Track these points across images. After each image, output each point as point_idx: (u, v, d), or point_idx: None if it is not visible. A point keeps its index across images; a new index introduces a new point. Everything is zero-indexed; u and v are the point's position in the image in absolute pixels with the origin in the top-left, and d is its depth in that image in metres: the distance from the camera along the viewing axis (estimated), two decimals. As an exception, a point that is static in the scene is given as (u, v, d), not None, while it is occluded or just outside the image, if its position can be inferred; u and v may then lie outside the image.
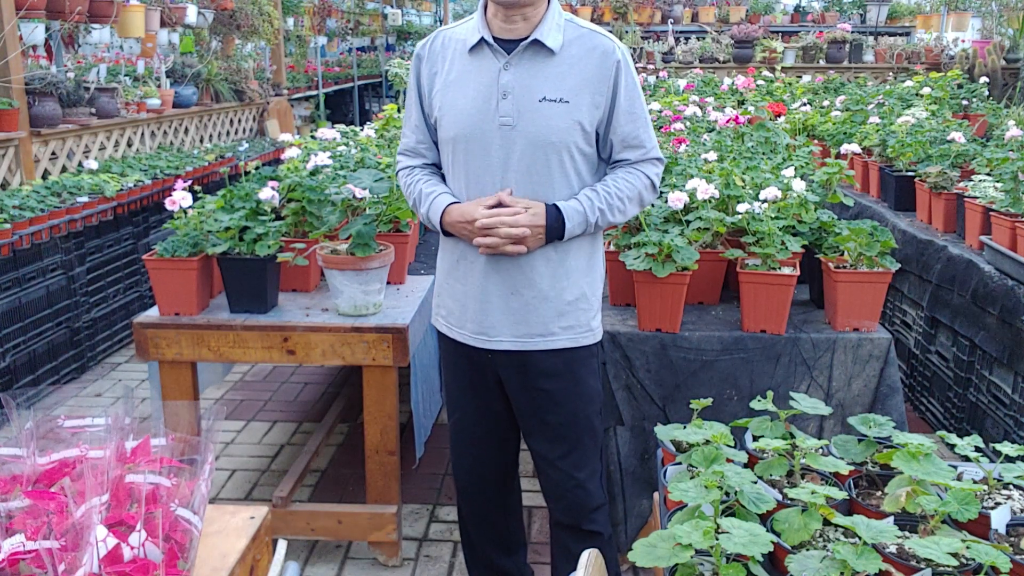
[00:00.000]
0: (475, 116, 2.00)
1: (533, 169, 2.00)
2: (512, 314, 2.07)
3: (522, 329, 2.07)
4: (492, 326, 2.09)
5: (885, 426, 1.73)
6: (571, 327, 2.09)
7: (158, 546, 1.13)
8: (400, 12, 14.71)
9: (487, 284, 2.07)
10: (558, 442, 2.17)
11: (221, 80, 7.55)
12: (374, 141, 4.24)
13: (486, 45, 2.00)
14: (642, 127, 2.05)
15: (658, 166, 2.10)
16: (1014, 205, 3.28)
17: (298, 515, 2.81)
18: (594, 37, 2.02)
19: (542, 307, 2.06)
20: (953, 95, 6.37)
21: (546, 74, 1.98)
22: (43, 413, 1.35)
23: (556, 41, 1.98)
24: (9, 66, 4.67)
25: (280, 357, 2.67)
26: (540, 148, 1.98)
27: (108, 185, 4.78)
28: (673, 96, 6.34)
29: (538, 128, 1.97)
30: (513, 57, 1.98)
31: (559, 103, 1.97)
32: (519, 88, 1.98)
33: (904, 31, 10.86)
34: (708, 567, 1.34)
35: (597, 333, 2.15)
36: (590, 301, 2.12)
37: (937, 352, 3.70)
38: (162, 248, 2.70)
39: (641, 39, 10.27)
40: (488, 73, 2.00)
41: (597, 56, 2.00)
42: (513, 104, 1.98)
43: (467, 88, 2.02)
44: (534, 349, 2.08)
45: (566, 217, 1.98)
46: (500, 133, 1.99)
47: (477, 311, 2.09)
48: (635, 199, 2.07)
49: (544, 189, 2.01)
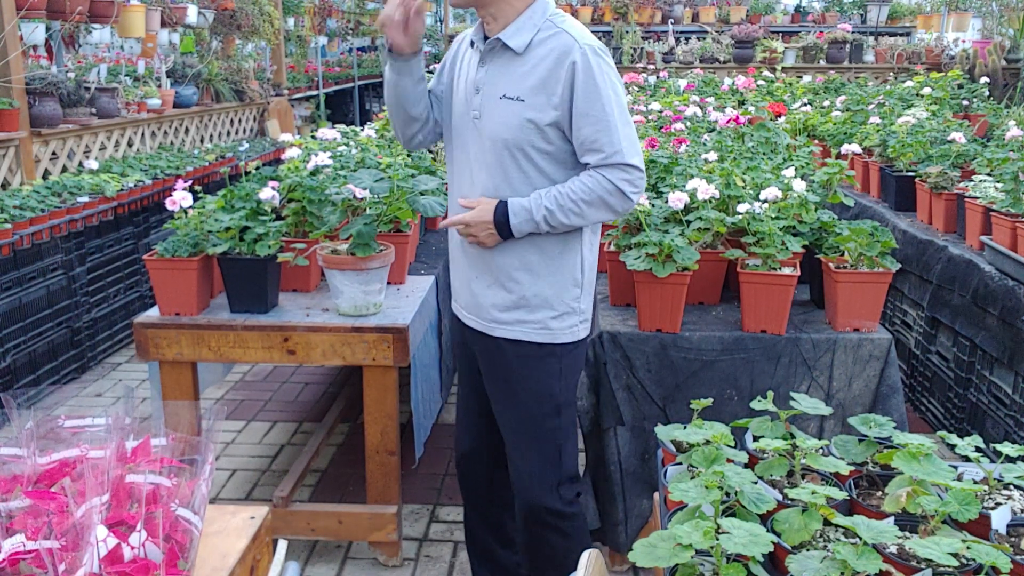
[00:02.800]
0: (459, 108, 2.16)
1: (494, 163, 2.08)
2: (475, 296, 2.19)
3: (484, 312, 2.18)
4: (465, 304, 2.25)
5: (885, 426, 1.73)
6: (524, 321, 2.13)
7: (158, 546, 1.13)
8: (400, 12, 14.68)
9: (464, 266, 2.22)
10: (509, 432, 2.25)
11: (221, 80, 7.55)
12: (374, 141, 4.24)
13: (475, 43, 2.13)
14: (602, 131, 1.99)
15: (627, 171, 2.01)
16: (1014, 205, 3.28)
17: (298, 515, 2.81)
18: (560, 37, 2.01)
19: (498, 295, 2.15)
20: (953, 95, 6.37)
21: (511, 73, 2.05)
22: (43, 413, 1.35)
23: (520, 41, 2.02)
24: (9, 66, 4.68)
25: (280, 357, 2.67)
26: (498, 143, 2.06)
27: (108, 185, 4.78)
28: (674, 96, 6.34)
29: (495, 124, 2.05)
30: (487, 55, 2.08)
31: (515, 101, 2.03)
32: (487, 84, 2.08)
33: (904, 31, 10.86)
34: (708, 567, 1.34)
35: (558, 335, 2.14)
36: (551, 303, 2.12)
37: (937, 352, 3.70)
38: (162, 248, 2.70)
39: (641, 39, 10.27)
40: (472, 69, 2.13)
41: (555, 57, 2.00)
42: (481, 99, 2.08)
43: (461, 81, 2.17)
44: (489, 333, 2.19)
45: (511, 211, 2.04)
46: (472, 126, 2.11)
47: (460, 287, 2.27)
48: (594, 203, 2.03)
49: (503, 183, 2.08)
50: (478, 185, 2.12)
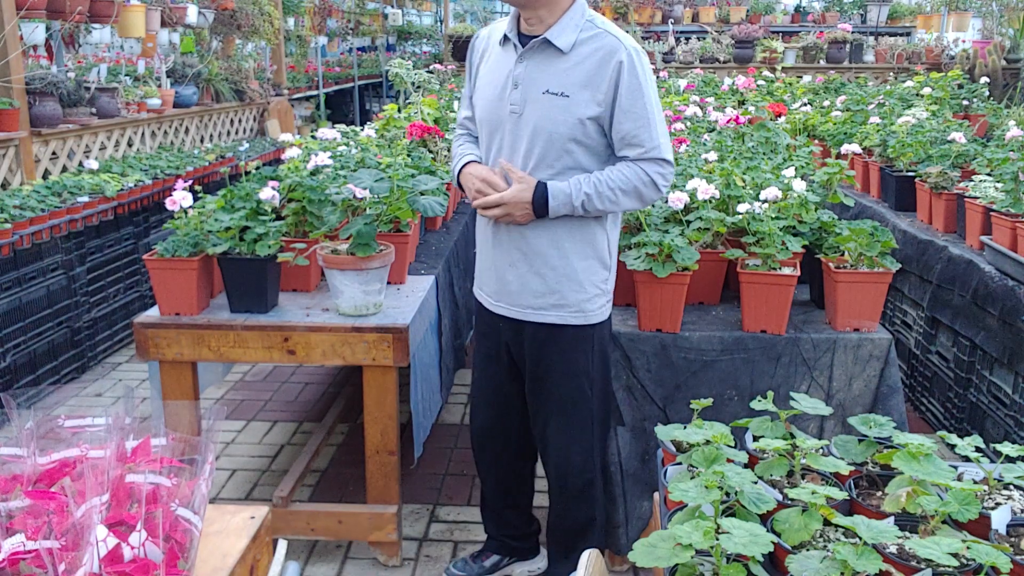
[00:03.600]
0: (494, 102, 2.26)
1: (536, 155, 2.20)
2: (509, 284, 2.31)
3: (517, 299, 2.30)
4: (497, 292, 2.35)
5: (885, 426, 1.73)
6: (560, 305, 2.28)
7: (158, 546, 1.13)
8: (400, 12, 14.72)
9: (495, 254, 2.32)
10: (545, 411, 2.39)
11: (222, 80, 7.55)
12: (374, 141, 4.24)
13: (510, 40, 2.23)
14: (643, 127, 2.15)
15: (662, 166, 2.19)
16: (1014, 205, 3.28)
17: (298, 515, 2.81)
18: (604, 38, 2.16)
19: (533, 282, 2.27)
20: (953, 95, 6.37)
21: (553, 70, 2.16)
22: (43, 413, 1.35)
23: (567, 41, 2.15)
24: (10, 66, 4.68)
25: (280, 357, 2.67)
26: (541, 136, 2.18)
27: (108, 185, 4.78)
28: (674, 96, 6.34)
29: (539, 118, 2.17)
30: (527, 52, 2.19)
31: (560, 96, 2.15)
32: (527, 80, 2.18)
33: (904, 31, 10.86)
34: (708, 567, 1.34)
35: (591, 316, 2.31)
36: (583, 285, 2.27)
37: (937, 352, 3.70)
38: (162, 248, 2.70)
39: (642, 39, 10.27)
40: (507, 65, 2.24)
41: (601, 56, 2.14)
42: (521, 94, 2.19)
43: (493, 76, 2.28)
44: (526, 320, 2.31)
45: (550, 195, 2.16)
46: (510, 120, 2.22)
47: (490, 277, 2.37)
48: (630, 192, 2.18)
49: (546, 174, 2.20)
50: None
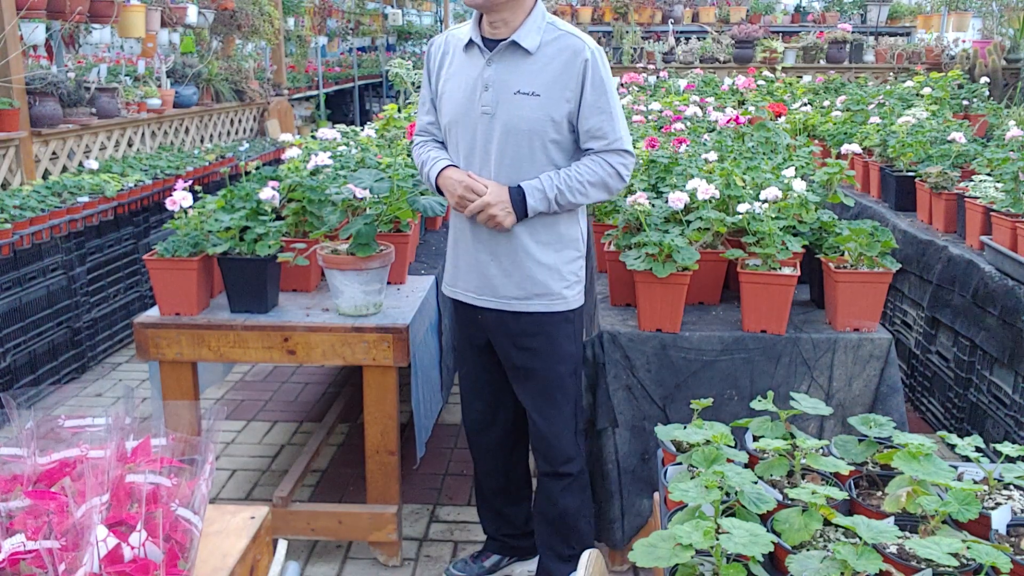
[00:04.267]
0: (463, 104, 2.31)
1: (510, 153, 2.27)
2: (492, 278, 2.36)
3: (501, 292, 2.36)
4: (479, 287, 2.40)
5: (885, 426, 1.73)
6: (542, 295, 2.35)
7: (158, 546, 1.13)
8: (400, 12, 14.72)
9: (476, 249, 2.37)
10: (532, 399, 2.45)
11: (222, 80, 7.55)
12: (375, 141, 4.24)
13: (475, 44, 2.29)
14: (607, 120, 2.26)
15: (624, 156, 2.30)
16: (1014, 205, 3.28)
17: (298, 515, 2.81)
18: (568, 38, 2.26)
19: (516, 274, 2.34)
20: (954, 95, 6.37)
21: (523, 70, 2.25)
22: (43, 413, 1.35)
23: (533, 42, 2.25)
24: (10, 66, 4.68)
25: (280, 357, 2.67)
26: (514, 135, 2.26)
27: (108, 185, 4.78)
28: (674, 96, 6.34)
29: (512, 117, 2.25)
30: (495, 55, 2.26)
31: (531, 96, 2.24)
32: (498, 82, 2.26)
33: (905, 31, 10.86)
34: (708, 567, 1.34)
35: (571, 302, 2.39)
36: (562, 273, 2.36)
37: (937, 352, 3.70)
38: (162, 248, 2.70)
39: (641, 39, 10.27)
40: (475, 68, 2.30)
41: (567, 56, 2.24)
42: (492, 96, 2.26)
43: (460, 80, 2.33)
44: (510, 311, 2.37)
45: (527, 193, 2.26)
46: (482, 120, 2.28)
47: (469, 273, 2.41)
48: (598, 184, 2.29)
49: (519, 171, 2.28)
50: (487, 174, 2.30)
